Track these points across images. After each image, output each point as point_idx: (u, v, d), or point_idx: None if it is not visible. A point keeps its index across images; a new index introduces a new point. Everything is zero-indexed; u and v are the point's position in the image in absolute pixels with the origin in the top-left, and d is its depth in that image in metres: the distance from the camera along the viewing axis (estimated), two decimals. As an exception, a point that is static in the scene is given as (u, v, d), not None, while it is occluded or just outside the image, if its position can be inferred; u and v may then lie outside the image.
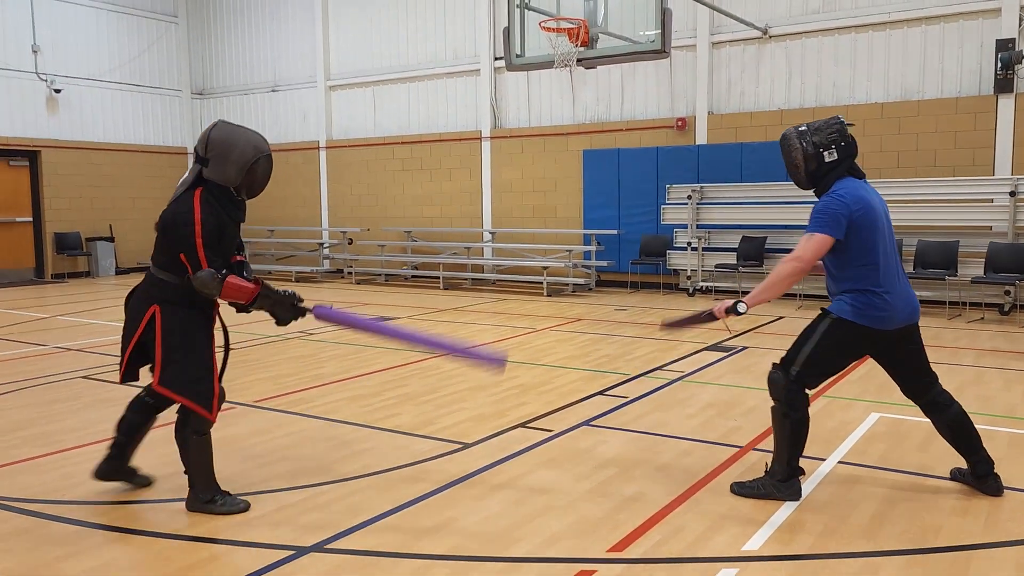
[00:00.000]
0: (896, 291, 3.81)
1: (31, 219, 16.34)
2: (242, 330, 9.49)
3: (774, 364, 3.98)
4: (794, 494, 3.90)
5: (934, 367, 4.18)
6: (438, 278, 14.46)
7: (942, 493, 4.01)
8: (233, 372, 7.13)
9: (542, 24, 9.76)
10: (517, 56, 10.33)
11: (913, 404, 4.18)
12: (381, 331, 4.13)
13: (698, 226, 12.55)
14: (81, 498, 4.12)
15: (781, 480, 3.91)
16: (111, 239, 17.07)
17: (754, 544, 3.44)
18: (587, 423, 5.40)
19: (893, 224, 3.99)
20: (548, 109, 14.57)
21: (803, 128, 3.89)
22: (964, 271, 10.30)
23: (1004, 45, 10.61)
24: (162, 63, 18.34)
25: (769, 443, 4.15)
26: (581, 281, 13.35)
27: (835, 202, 3.74)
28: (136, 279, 4.02)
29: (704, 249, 12.59)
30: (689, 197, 12.48)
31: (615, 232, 13.49)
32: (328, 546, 3.51)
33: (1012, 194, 10.18)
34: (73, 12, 16.63)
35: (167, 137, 18.52)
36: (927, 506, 3.84)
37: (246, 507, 3.93)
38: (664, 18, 9.31)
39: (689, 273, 12.72)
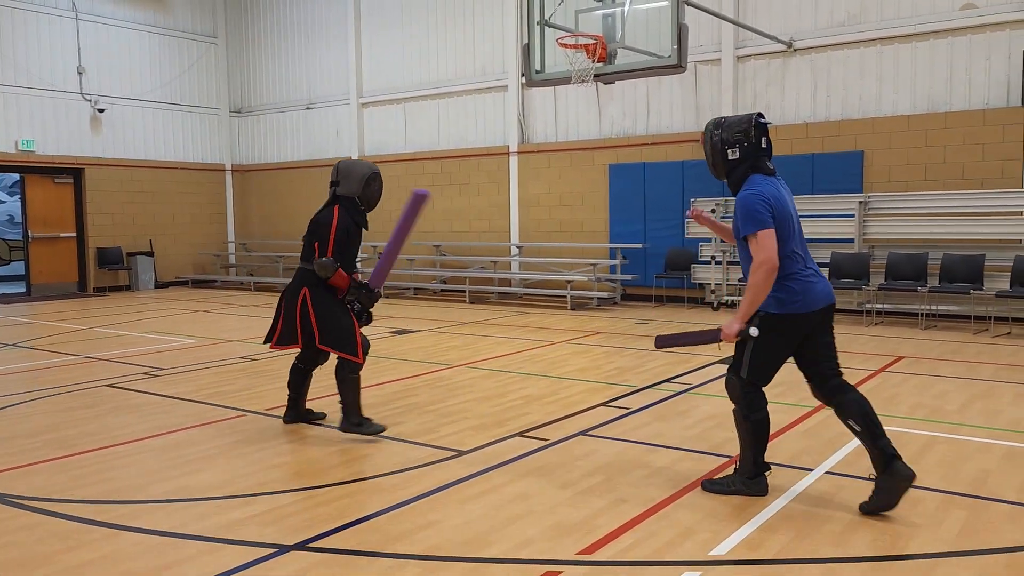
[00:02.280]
0: (807, 275, 3.94)
1: (75, 234, 16.95)
2: (265, 341, 9.76)
3: (728, 367, 4.16)
4: (761, 490, 4.10)
5: (949, 382, 4.35)
6: (464, 292, 14.63)
7: (923, 504, 3.99)
8: (251, 381, 7.42)
9: (559, 41, 9.89)
10: (537, 72, 10.47)
11: (910, 416, 4.22)
12: (392, 251, 5.27)
13: (722, 240, 12.49)
14: (86, 497, 4.33)
15: (749, 477, 4.10)
16: (151, 254, 17.61)
17: (722, 549, 3.49)
18: (583, 433, 5.47)
19: (921, 238, 4.21)
20: (575, 124, 14.69)
21: (720, 121, 4.07)
22: (990, 285, 10.13)
23: (1032, 56, 10.45)
24: (202, 83, 18.93)
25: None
26: (606, 295, 13.39)
27: (755, 199, 3.88)
28: (175, 292, 4.48)
29: (728, 263, 12.55)
30: (713, 211, 12.46)
31: (640, 246, 13.53)
32: (310, 545, 3.65)
33: (1040, 206, 10.00)
34: (117, 34, 17.29)
35: (206, 154, 19.07)
36: (904, 515, 3.84)
37: (382, 429, 5.38)
38: (680, 33, 9.39)
39: (713, 287, 12.69)
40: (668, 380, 7.20)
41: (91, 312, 13.59)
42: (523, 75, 10.77)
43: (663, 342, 4.35)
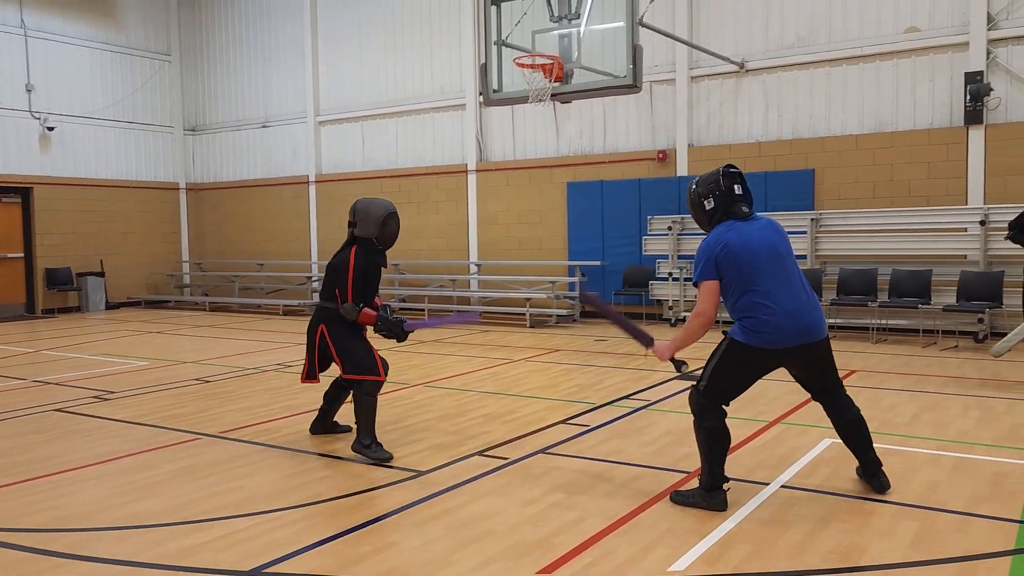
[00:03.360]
0: (782, 313, 4.08)
1: (22, 255, 16.52)
2: (220, 364, 9.65)
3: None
4: (718, 505, 4.16)
5: (899, 394, 4.55)
6: (423, 310, 14.57)
7: (875, 515, 4.08)
8: (205, 404, 7.30)
9: (516, 60, 9.97)
10: (494, 91, 10.54)
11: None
12: (440, 324, 6.35)
13: (679, 257, 12.68)
14: (34, 526, 4.20)
15: (706, 490, 4.19)
16: (101, 274, 17.23)
17: (680, 565, 3.52)
18: (543, 451, 5.48)
19: (871, 254, 4.54)
20: (533, 142, 14.80)
21: (697, 179, 4.39)
22: (937, 299, 10.41)
23: (973, 78, 10.82)
24: (155, 100, 18.65)
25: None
26: (565, 312, 13.45)
27: (701, 251, 4.22)
28: (127, 313, 4.32)
29: (686, 279, 12.69)
30: (670, 228, 12.62)
31: (599, 263, 13.64)
32: (266, 570, 3.59)
33: (983, 223, 10.32)
34: (68, 52, 16.96)
35: (159, 173, 18.77)
36: (858, 527, 3.91)
37: (389, 457, 5.26)
38: (635, 54, 9.53)
39: (671, 303, 12.82)
40: (627, 397, 7.25)
41: (39, 334, 13.24)
42: (481, 94, 10.84)
43: (592, 300, 5.11)
